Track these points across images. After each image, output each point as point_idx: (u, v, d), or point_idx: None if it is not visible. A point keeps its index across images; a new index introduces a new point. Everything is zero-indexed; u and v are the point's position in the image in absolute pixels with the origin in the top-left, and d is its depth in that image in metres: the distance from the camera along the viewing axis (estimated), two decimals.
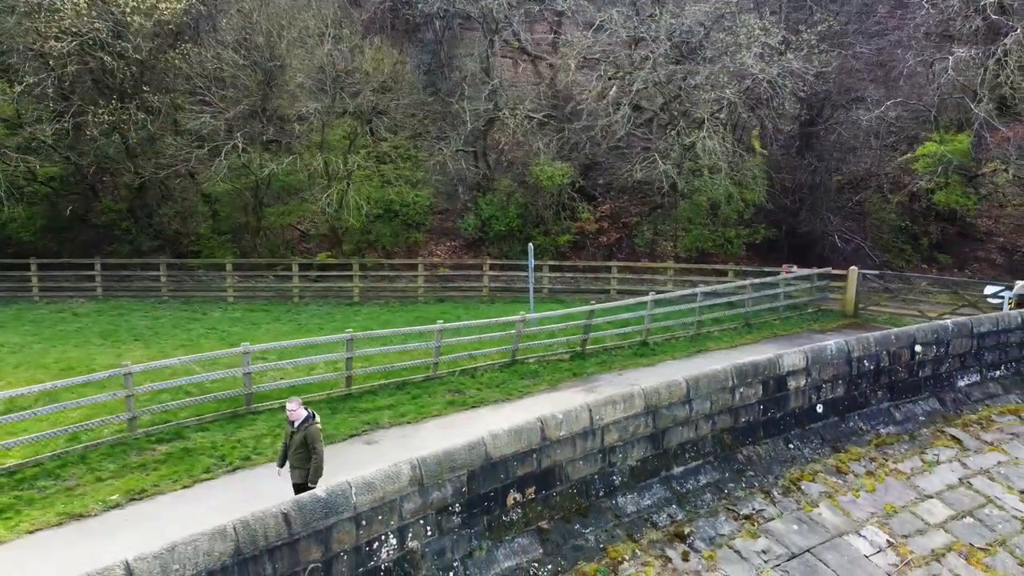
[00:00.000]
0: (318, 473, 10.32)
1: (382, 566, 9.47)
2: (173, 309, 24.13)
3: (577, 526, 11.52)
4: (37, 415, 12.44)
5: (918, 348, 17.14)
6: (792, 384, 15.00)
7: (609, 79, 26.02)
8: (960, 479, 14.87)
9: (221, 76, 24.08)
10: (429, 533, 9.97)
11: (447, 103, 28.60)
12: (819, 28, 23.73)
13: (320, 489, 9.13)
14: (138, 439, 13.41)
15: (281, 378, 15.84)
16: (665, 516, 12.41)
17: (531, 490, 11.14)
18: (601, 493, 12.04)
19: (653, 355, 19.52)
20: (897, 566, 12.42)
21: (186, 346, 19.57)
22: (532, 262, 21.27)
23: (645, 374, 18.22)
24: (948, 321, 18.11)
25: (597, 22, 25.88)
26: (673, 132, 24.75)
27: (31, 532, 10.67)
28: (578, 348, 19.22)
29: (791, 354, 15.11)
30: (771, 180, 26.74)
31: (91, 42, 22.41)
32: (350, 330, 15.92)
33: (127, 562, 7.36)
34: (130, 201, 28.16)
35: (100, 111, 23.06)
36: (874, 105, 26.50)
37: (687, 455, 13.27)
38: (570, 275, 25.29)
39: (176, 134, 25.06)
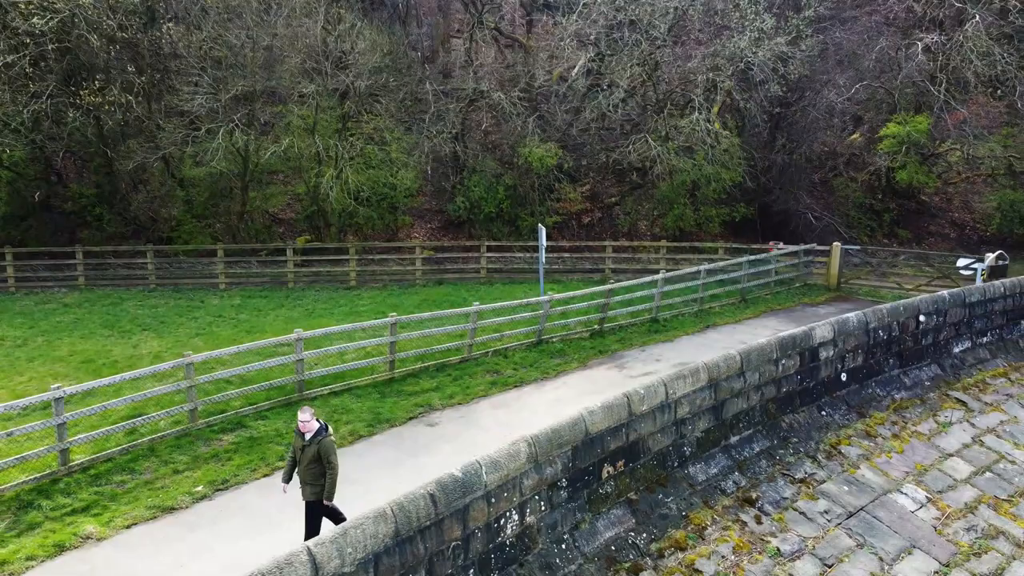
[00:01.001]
0: (333, 488, 9.60)
1: (507, 542, 9.80)
2: (166, 297, 23.42)
3: (660, 496, 12.03)
4: (107, 408, 12.09)
5: (922, 318, 18.31)
6: (823, 355, 15.88)
7: (596, 60, 26.43)
8: (972, 438, 16.04)
9: (216, 56, 23.33)
10: (543, 508, 10.32)
11: (425, 85, 28.46)
12: (805, 14, 24.69)
13: (456, 468, 9.35)
14: (201, 430, 13.20)
15: (321, 364, 15.76)
16: (731, 483, 13.02)
17: (620, 463, 11.59)
18: (675, 464, 12.59)
19: (666, 331, 20.18)
20: (940, 519, 13.39)
21: (200, 335, 19.13)
22: (544, 243, 21.56)
23: (666, 349, 18.85)
24: (945, 292, 19.37)
25: (582, 2, 26.20)
26: (664, 114, 25.37)
27: (128, 527, 10.49)
28: (595, 326, 19.70)
29: (821, 326, 15.98)
30: (748, 160, 27.73)
31: (73, 19, 21.33)
32: (394, 314, 15.94)
33: (309, 548, 7.46)
34: (101, 186, 27.04)
35: (82, 92, 22.02)
36: (844, 88, 27.77)
37: (741, 424, 13.94)
38: (566, 255, 25.69)
39: (165, 116, 24.16)
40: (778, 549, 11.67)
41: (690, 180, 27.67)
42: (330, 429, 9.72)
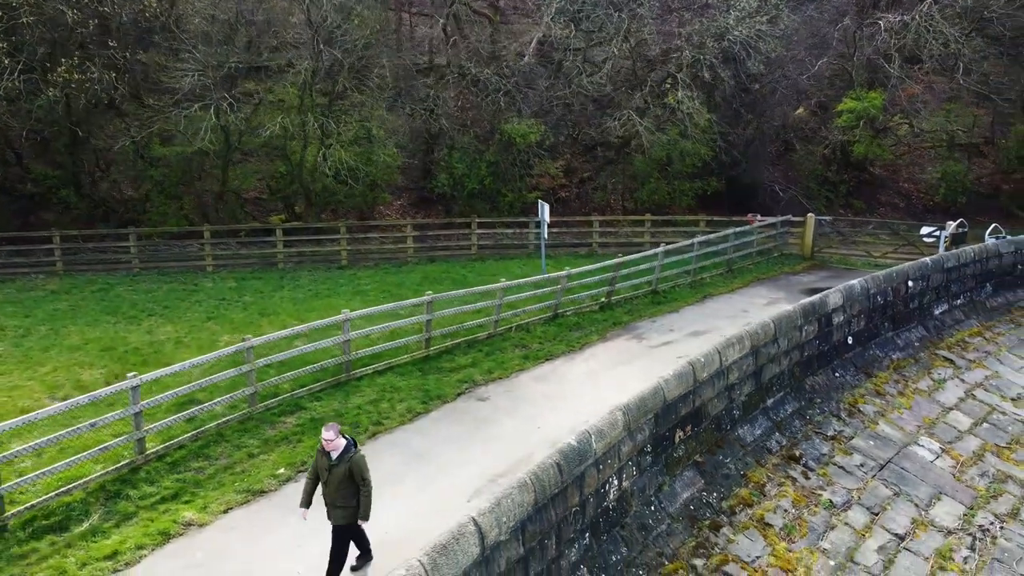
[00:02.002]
0: (369, 508, 8.81)
1: (610, 506, 10.35)
2: (155, 281, 22.73)
3: (720, 457, 12.79)
4: (177, 394, 11.93)
5: (910, 283, 19.62)
6: (835, 320, 16.94)
7: (579, 36, 26.75)
8: (965, 393, 17.43)
9: (206, 31, 22.52)
10: (635, 473, 10.91)
11: (403, 59, 28.26)
12: None
13: (572, 437, 9.78)
14: (262, 413, 13.17)
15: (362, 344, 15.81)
16: (774, 442, 13.90)
17: (688, 428, 12.28)
18: (728, 426, 13.38)
19: (668, 302, 20.96)
20: (955, 467, 14.62)
21: (212, 318, 18.76)
22: (547, 218, 21.92)
23: (674, 320, 19.61)
24: (927, 259, 20.78)
25: None
26: (645, 90, 25.97)
27: (225, 512, 10.50)
28: (603, 300, 20.29)
29: (833, 293, 17.05)
30: (721, 135, 28.70)
31: None
32: (430, 292, 16.10)
33: (474, 518, 7.81)
34: (66, 167, 25.87)
35: (59, 68, 20.97)
36: (810, 65, 29.00)
37: (775, 387, 14.86)
38: (554, 231, 26.09)
39: (148, 94, 23.22)
40: (830, 501, 12.60)
41: (665, 155, 28.48)
42: (358, 444, 8.99)
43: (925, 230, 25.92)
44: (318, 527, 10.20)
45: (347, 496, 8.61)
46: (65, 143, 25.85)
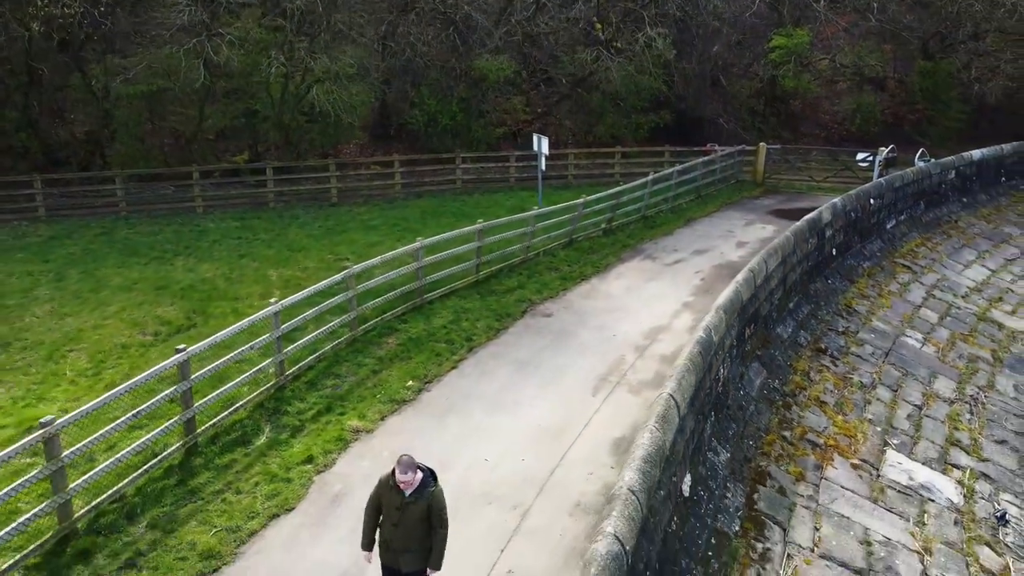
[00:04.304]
0: (443, 554, 7.14)
1: (719, 390, 12.15)
2: (152, 224, 22.36)
3: (771, 351, 14.88)
4: (306, 319, 12.65)
5: (872, 201, 22.34)
6: (827, 234, 19.31)
7: None
8: (927, 293, 20.37)
9: None
10: (728, 364, 12.71)
11: None
12: None
13: (701, 330, 11.38)
14: (364, 336, 14.06)
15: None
16: (803, 338, 16.16)
17: (751, 326, 14.22)
18: (771, 326, 15.44)
19: (659, 226, 22.83)
20: (938, 352, 17.38)
21: (245, 255, 19.03)
22: (545, 151, 23.06)
23: (673, 241, 21.51)
24: (882, 180, 23.63)
25: None
26: (613, 26, 27.26)
27: (382, 419, 11.54)
28: (604, 226, 21.89)
29: (825, 209, 19.44)
30: (676, 71, 30.52)
31: None
32: (481, 220, 17.14)
33: (671, 394, 9.36)
34: (25, 109, 24.61)
35: (38, 2, 19.92)
36: (746, 6, 31.13)
37: (792, 292, 17.07)
38: (532, 164, 27.22)
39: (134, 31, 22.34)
40: (861, 382, 14.96)
41: (624, 90, 30.05)
42: (437, 477, 7.17)
43: (860, 156, 28.93)
44: (480, 421, 11.44)
45: (421, 537, 7.04)
46: (19, 84, 24.53)
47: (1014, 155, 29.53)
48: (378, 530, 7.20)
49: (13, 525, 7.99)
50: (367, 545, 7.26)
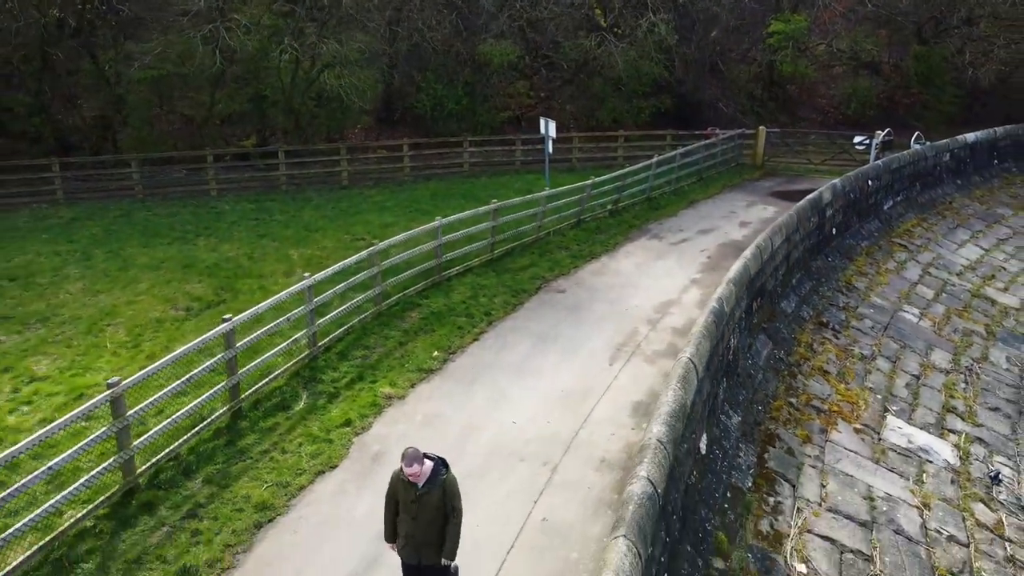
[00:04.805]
0: (457, 543, 7.13)
1: (729, 358, 12.81)
2: (168, 206, 22.84)
3: (776, 324, 15.56)
4: (338, 292, 13.24)
5: (870, 182, 23.00)
6: (827, 213, 19.96)
7: None
8: (923, 271, 21.07)
9: None
10: (737, 335, 13.37)
11: None
12: None
13: (714, 300, 12.02)
14: (388, 310, 14.66)
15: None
16: (805, 312, 16.85)
17: (759, 300, 14.89)
18: (776, 300, 16.13)
19: (664, 208, 23.45)
20: (934, 326, 18.09)
21: (264, 236, 19.57)
22: (552, 134, 23.59)
23: (678, 221, 22.13)
24: (879, 161, 24.29)
25: None
26: (617, 11, 27.75)
27: (412, 386, 12.17)
28: (610, 207, 22.50)
29: (825, 190, 20.09)
30: (678, 56, 31.05)
31: None
32: (495, 200, 17.70)
33: (689, 358, 10.00)
34: (38, 95, 24.99)
35: None
36: None
37: (795, 269, 17.74)
38: (538, 147, 27.78)
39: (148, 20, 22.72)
40: (861, 354, 15.67)
41: (625, 76, 30.55)
42: (449, 465, 7.18)
43: (857, 139, 29.58)
44: (504, 387, 12.07)
45: (438, 528, 7.05)
46: (33, 70, 24.91)
47: (1007, 138, 30.23)
48: (398, 527, 7.18)
49: (85, 478, 8.61)
50: (390, 537, 7.29)
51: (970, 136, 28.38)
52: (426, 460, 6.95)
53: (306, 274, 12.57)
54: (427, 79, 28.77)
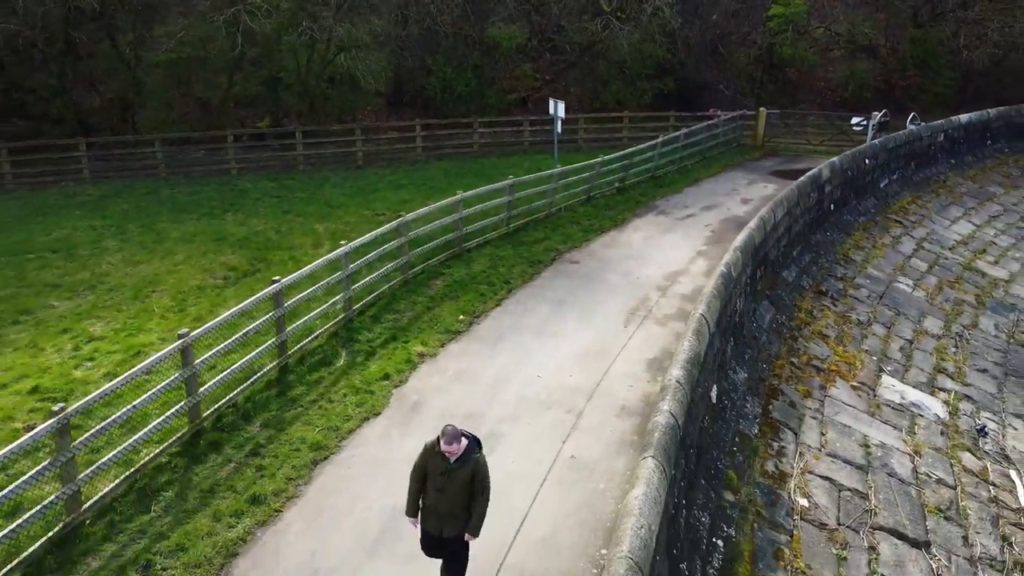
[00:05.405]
0: (482, 520, 7.26)
1: (736, 320, 13.76)
2: (194, 184, 23.69)
3: (778, 291, 16.52)
4: (369, 262, 14.16)
5: (867, 161, 23.92)
6: (826, 189, 20.89)
7: None
8: (917, 245, 22.04)
9: None
10: (743, 300, 14.33)
11: None
12: None
13: (722, 265, 12.96)
14: (414, 278, 15.59)
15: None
16: (805, 282, 17.81)
17: (762, 268, 15.83)
18: (777, 270, 17.07)
19: (668, 186, 24.35)
20: (927, 296, 19.06)
21: (288, 212, 20.47)
22: (561, 114, 24.44)
23: (683, 198, 23.04)
24: (876, 141, 25.20)
25: None
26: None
27: (442, 346, 13.11)
28: (617, 185, 23.40)
29: (824, 167, 21.01)
30: (677, 39, 31.86)
31: None
32: (511, 176, 18.59)
33: (702, 314, 10.94)
34: (61, 77, 25.75)
35: None
36: None
37: (795, 242, 18.65)
38: (546, 128, 28.61)
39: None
40: (858, 320, 16.65)
41: (629, 58, 31.36)
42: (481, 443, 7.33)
43: (855, 120, 30.47)
44: (530, 346, 13.01)
45: (464, 503, 7.20)
46: (56, 51, 25.65)
47: (999, 119, 31.13)
48: (422, 498, 7.32)
49: (158, 420, 9.55)
50: (412, 511, 7.35)
51: (964, 117, 29.28)
52: (464, 439, 7.07)
53: (343, 241, 13.47)
54: (438, 62, 29.55)
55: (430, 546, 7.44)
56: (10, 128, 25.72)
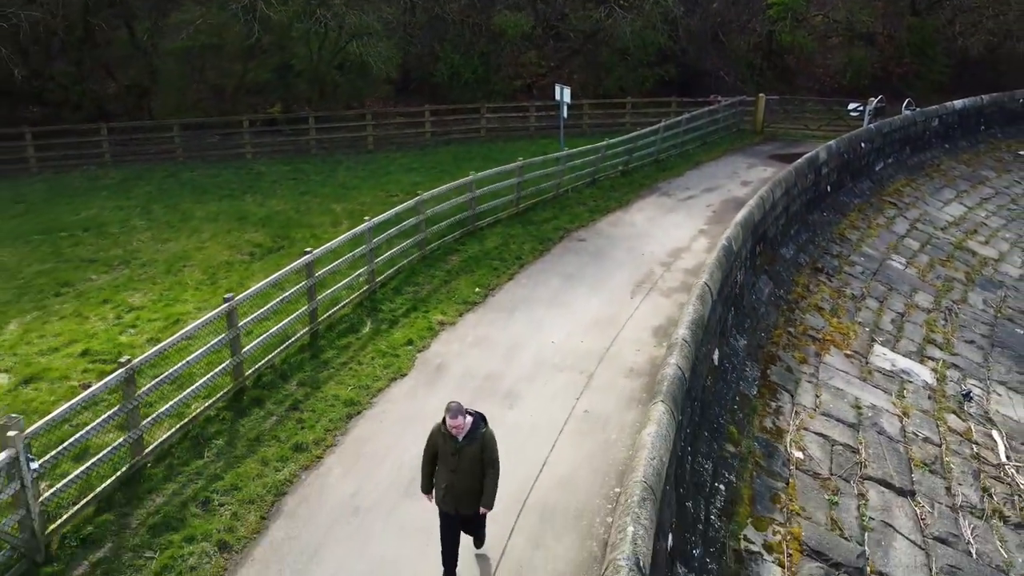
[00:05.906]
0: (494, 493, 7.52)
1: (736, 292, 14.60)
2: (211, 168, 24.48)
3: (776, 267, 17.35)
4: (391, 237, 14.99)
5: (862, 144, 24.72)
6: (823, 171, 21.71)
7: None
8: (910, 225, 22.87)
9: None
10: (743, 273, 15.17)
11: None
12: None
13: (725, 239, 13.80)
14: (430, 254, 16.42)
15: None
16: (802, 259, 18.65)
17: (761, 244, 16.66)
18: (776, 247, 17.89)
19: (671, 169, 25.15)
20: (919, 273, 19.92)
21: (306, 193, 21.27)
22: (568, 100, 25.20)
23: (685, 181, 23.86)
24: (872, 126, 26.00)
25: None
26: None
27: (461, 315, 13.97)
28: (622, 168, 24.19)
29: (821, 150, 21.81)
30: (679, 26, 32.58)
31: None
32: (521, 159, 19.40)
33: (706, 282, 11.76)
34: (80, 64, 26.49)
35: None
36: None
37: (793, 221, 19.49)
38: (552, 113, 29.37)
39: None
40: (852, 294, 17.50)
41: (632, 45, 32.06)
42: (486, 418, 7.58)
43: (851, 106, 31.23)
44: (540, 318, 13.85)
45: (476, 479, 7.44)
46: (75, 39, 26.36)
47: (992, 105, 31.89)
48: (436, 479, 7.58)
49: (206, 377, 10.40)
50: (427, 488, 7.66)
51: (958, 103, 30.04)
52: (468, 415, 7.34)
53: (366, 217, 14.29)
54: (445, 49, 30.27)
55: (449, 526, 7.66)
56: (30, 115, 26.48)
